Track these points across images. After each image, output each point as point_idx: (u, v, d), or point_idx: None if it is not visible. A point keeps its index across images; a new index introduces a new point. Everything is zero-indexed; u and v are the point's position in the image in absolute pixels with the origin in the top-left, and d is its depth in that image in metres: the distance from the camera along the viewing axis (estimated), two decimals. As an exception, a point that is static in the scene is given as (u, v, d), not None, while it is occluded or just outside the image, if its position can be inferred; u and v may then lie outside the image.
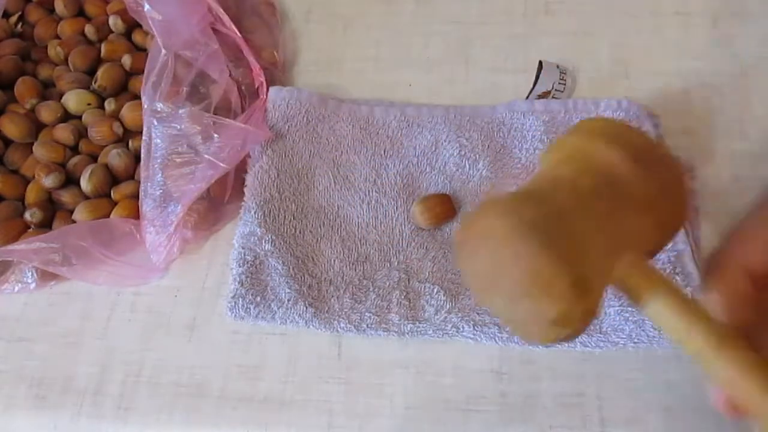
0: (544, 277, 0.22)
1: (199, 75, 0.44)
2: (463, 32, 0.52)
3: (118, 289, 0.43)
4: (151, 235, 0.41)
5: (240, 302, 0.40)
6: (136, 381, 0.40)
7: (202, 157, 0.41)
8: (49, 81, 0.50)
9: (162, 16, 0.42)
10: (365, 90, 0.50)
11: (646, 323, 0.38)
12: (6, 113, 0.48)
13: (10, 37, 0.52)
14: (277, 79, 0.50)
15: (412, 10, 0.54)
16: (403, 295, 0.40)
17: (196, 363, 0.40)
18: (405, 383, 0.39)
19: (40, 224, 0.44)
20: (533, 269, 0.22)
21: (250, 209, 0.43)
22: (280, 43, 0.52)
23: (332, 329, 0.39)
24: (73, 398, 0.40)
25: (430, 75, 0.51)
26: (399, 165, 0.45)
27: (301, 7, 0.55)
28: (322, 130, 0.46)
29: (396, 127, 0.46)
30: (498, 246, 0.23)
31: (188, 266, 0.44)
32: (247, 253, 0.41)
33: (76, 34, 0.51)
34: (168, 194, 0.41)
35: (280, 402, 0.39)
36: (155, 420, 0.39)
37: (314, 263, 0.42)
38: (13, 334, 0.42)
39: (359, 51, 0.52)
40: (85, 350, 0.41)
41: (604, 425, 0.37)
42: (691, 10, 0.51)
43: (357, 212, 0.43)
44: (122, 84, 0.49)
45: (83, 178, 0.44)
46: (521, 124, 0.46)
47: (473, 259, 0.25)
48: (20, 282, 0.42)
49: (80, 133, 0.47)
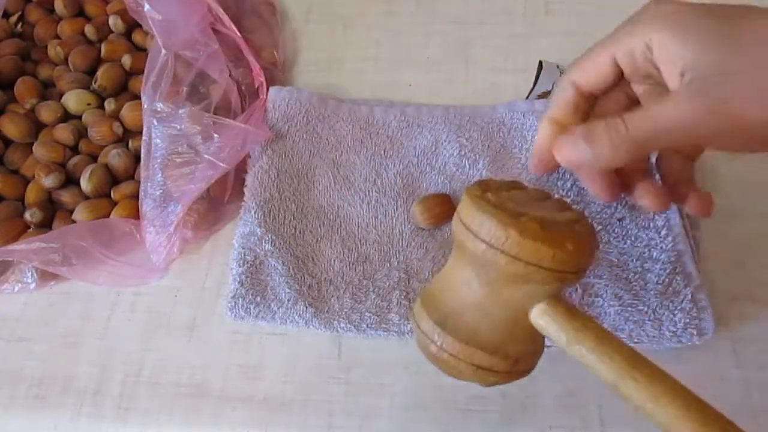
0: (459, 368, 0.28)
1: (199, 75, 0.44)
2: (463, 32, 0.52)
3: (118, 289, 0.43)
4: (151, 235, 0.41)
5: (240, 302, 0.40)
6: (136, 381, 0.40)
7: (202, 157, 0.41)
8: (49, 81, 0.50)
9: (162, 16, 0.42)
10: (365, 90, 0.50)
11: (646, 323, 0.38)
12: (6, 113, 0.48)
13: (10, 37, 0.52)
14: (277, 79, 0.50)
15: (412, 10, 0.54)
16: (403, 295, 0.40)
17: (196, 363, 0.40)
18: (405, 383, 0.39)
19: (40, 224, 0.44)
20: (454, 366, 0.29)
21: (250, 209, 0.43)
22: (280, 43, 0.52)
23: (332, 329, 0.39)
24: (73, 398, 0.40)
25: (430, 75, 0.51)
26: (399, 165, 0.45)
27: (301, 7, 0.55)
28: (322, 130, 0.46)
29: (396, 127, 0.46)
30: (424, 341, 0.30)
31: (188, 266, 0.44)
32: (247, 253, 0.41)
33: (76, 34, 0.51)
34: (168, 194, 0.41)
35: (280, 402, 0.39)
36: (155, 420, 0.39)
37: (314, 263, 0.42)
38: (13, 334, 0.42)
39: (359, 51, 0.52)
40: (85, 350, 0.41)
41: (603, 425, 0.37)
42: (691, 10, 0.51)
43: (357, 212, 0.43)
44: (122, 84, 0.49)
45: (83, 178, 0.44)
46: (521, 124, 0.46)
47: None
48: (20, 282, 0.42)
49: (80, 133, 0.47)
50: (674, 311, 0.37)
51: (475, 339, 0.28)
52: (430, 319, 0.29)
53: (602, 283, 0.39)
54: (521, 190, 0.32)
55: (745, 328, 0.39)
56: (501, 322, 0.28)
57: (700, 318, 0.37)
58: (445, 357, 0.28)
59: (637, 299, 0.38)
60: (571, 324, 0.27)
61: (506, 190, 0.31)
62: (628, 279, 0.39)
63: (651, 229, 0.41)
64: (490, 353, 0.28)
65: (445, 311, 0.29)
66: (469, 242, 0.27)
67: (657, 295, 0.38)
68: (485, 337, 0.28)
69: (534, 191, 0.33)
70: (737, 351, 0.38)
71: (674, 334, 0.37)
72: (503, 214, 0.27)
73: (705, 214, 0.34)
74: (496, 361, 0.28)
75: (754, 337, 0.39)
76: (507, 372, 0.28)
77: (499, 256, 0.26)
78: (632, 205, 0.42)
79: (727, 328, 0.39)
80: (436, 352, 0.29)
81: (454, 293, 0.29)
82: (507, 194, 0.30)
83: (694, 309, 0.37)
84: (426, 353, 0.30)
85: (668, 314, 0.37)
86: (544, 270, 0.26)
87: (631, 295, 0.39)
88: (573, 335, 0.27)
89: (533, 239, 0.26)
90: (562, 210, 0.30)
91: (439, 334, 0.28)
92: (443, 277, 0.31)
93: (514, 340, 0.29)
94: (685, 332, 0.37)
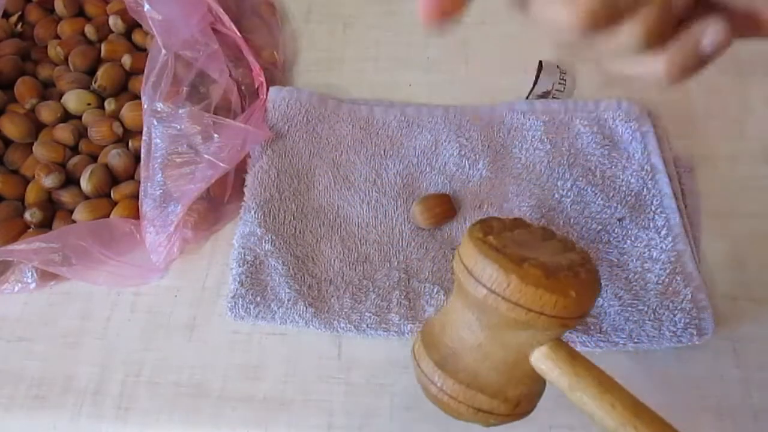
0: (460, 410, 0.28)
1: (199, 75, 0.44)
2: (463, 32, 0.52)
3: (118, 289, 0.43)
4: (151, 235, 0.41)
5: (240, 302, 0.40)
6: (136, 381, 0.40)
7: (202, 157, 0.41)
8: (49, 81, 0.50)
9: (162, 16, 0.42)
10: (365, 90, 0.50)
11: (646, 323, 0.38)
12: (6, 113, 0.48)
13: (10, 37, 0.52)
14: (277, 79, 0.50)
15: (412, 10, 0.54)
16: (403, 295, 0.40)
17: (196, 363, 0.40)
18: (405, 383, 0.39)
19: (40, 224, 0.43)
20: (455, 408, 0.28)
21: (250, 209, 0.43)
22: (280, 43, 0.52)
23: (332, 329, 0.39)
24: (73, 398, 0.40)
25: (430, 75, 0.51)
26: (399, 165, 0.45)
27: (301, 7, 0.55)
28: (322, 130, 0.46)
29: (396, 127, 0.46)
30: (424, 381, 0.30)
31: (188, 266, 0.44)
32: (247, 253, 0.41)
33: (76, 34, 0.51)
34: (168, 194, 0.41)
35: (280, 402, 0.39)
36: (155, 420, 0.39)
37: (314, 263, 0.42)
38: (13, 334, 0.42)
39: (359, 51, 0.52)
40: (85, 350, 0.41)
41: (604, 425, 0.37)
42: (691, 10, 0.51)
43: (357, 212, 0.43)
44: (122, 84, 0.49)
45: (83, 178, 0.44)
46: (521, 124, 0.46)
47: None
48: (20, 282, 0.42)
49: (80, 133, 0.47)
50: (674, 311, 0.38)
51: (475, 382, 0.28)
52: (431, 360, 0.29)
53: (602, 283, 0.39)
54: (524, 229, 0.32)
55: (745, 328, 0.39)
56: (502, 364, 0.28)
57: (699, 318, 0.37)
58: (445, 399, 0.28)
59: (637, 299, 0.39)
60: (573, 369, 0.27)
61: (509, 230, 0.30)
62: (628, 279, 0.39)
63: (651, 229, 0.41)
64: (491, 396, 0.28)
65: (446, 352, 0.29)
66: (471, 286, 0.27)
67: (657, 295, 0.38)
68: (486, 379, 0.28)
69: (538, 230, 0.33)
70: (737, 351, 0.38)
71: (674, 334, 0.37)
72: (505, 260, 0.26)
73: None
74: (497, 404, 0.28)
75: (754, 337, 0.39)
76: (508, 414, 0.28)
77: (501, 302, 0.26)
78: (632, 205, 0.42)
79: (727, 328, 0.39)
80: (437, 393, 0.28)
81: (455, 334, 0.29)
82: (510, 235, 0.30)
83: (693, 309, 0.37)
84: (426, 393, 0.29)
85: (668, 314, 0.38)
86: (546, 317, 0.26)
87: (631, 295, 0.39)
88: (575, 381, 0.26)
89: (536, 286, 0.25)
90: (565, 251, 0.30)
91: (439, 376, 0.28)
92: (444, 317, 0.31)
93: (514, 382, 0.28)
94: (685, 332, 0.37)
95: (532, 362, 0.28)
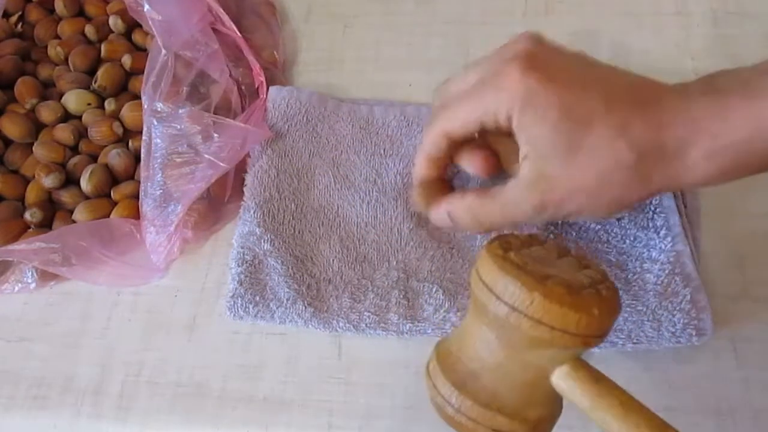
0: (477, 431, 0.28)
1: (199, 75, 0.44)
2: (463, 32, 0.52)
3: (118, 289, 0.43)
4: (151, 235, 0.41)
5: (239, 302, 0.40)
6: (136, 381, 0.40)
7: (202, 156, 0.41)
8: (49, 81, 0.50)
9: (162, 16, 0.42)
10: (365, 90, 0.50)
11: (645, 323, 0.38)
12: (6, 113, 0.48)
13: (10, 37, 0.52)
14: (277, 78, 0.50)
15: (412, 10, 0.54)
16: (402, 294, 0.40)
17: (196, 363, 0.40)
18: (405, 383, 0.39)
19: (40, 224, 0.44)
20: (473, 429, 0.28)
21: (249, 209, 0.43)
22: (280, 43, 0.52)
23: (331, 329, 0.39)
24: (73, 398, 0.40)
25: (430, 75, 0.51)
26: (399, 165, 0.45)
27: (301, 7, 0.55)
28: (321, 129, 0.46)
29: (396, 127, 0.46)
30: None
31: (188, 266, 0.44)
32: (246, 253, 0.41)
33: (76, 34, 0.51)
34: (168, 194, 0.41)
35: (280, 402, 0.39)
36: (155, 420, 0.39)
37: (313, 263, 0.42)
38: (13, 334, 0.42)
39: (359, 51, 0.52)
40: (85, 350, 0.42)
41: (603, 425, 0.37)
42: (691, 10, 0.51)
43: (356, 212, 0.43)
44: (122, 84, 0.49)
45: (83, 178, 0.44)
46: (521, 124, 0.46)
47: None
48: (20, 282, 0.42)
49: (80, 133, 0.47)
50: (673, 312, 0.37)
51: (494, 402, 0.27)
52: (447, 380, 0.28)
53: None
54: (540, 246, 0.31)
55: (745, 328, 0.39)
56: (521, 384, 0.28)
57: (699, 318, 0.37)
58: (462, 420, 0.27)
59: (636, 299, 0.38)
60: (595, 388, 0.26)
61: (527, 247, 0.30)
62: (627, 279, 0.39)
63: (650, 229, 0.41)
64: (510, 417, 0.27)
65: (464, 372, 0.28)
66: (491, 304, 0.27)
67: (656, 295, 0.38)
68: (505, 400, 0.27)
69: (553, 246, 0.32)
70: (737, 351, 0.38)
71: (673, 334, 0.37)
72: (528, 277, 0.26)
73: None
74: (516, 425, 0.27)
75: (754, 337, 0.39)
76: None
77: (523, 320, 0.26)
78: (632, 205, 0.42)
79: (727, 328, 0.39)
80: (453, 414, 0.28)
81: (474, 354, 0.29)
82: (528, 251, 0.29)
83: (693, 309, 0.37)
84: (440, 413, 0.29)
85: (667, 315, 0.37)
86: (570, 335, 0.25)
87: (630, 295, 0.39)
88: (597, 401, 0.26)
89: (560, 304, 0.25)
90: (582, 268, 0.30)
91: (457, 397, 0.28)
92: (460, 336, 0.30)
93: (534, 403, 0.28)
94: (684, 332, 0.37)
95: (552, 382, 0.27)
